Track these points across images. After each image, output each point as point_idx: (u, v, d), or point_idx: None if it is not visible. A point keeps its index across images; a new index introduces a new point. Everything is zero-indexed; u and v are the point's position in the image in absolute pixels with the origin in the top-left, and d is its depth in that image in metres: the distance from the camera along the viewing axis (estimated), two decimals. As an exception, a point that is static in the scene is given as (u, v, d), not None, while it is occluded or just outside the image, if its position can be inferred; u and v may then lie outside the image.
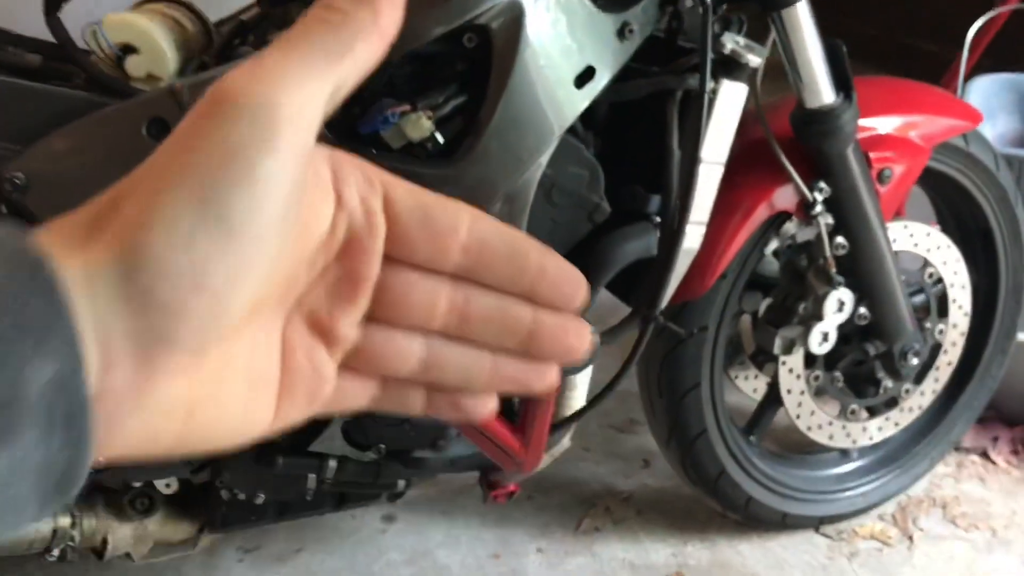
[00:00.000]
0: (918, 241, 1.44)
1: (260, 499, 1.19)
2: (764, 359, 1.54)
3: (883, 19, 4.10)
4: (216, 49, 1.17)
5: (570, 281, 0.33)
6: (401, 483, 1.25)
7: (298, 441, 1.16)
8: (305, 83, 0.27)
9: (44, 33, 1.10)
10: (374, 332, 0.32)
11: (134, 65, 1.07)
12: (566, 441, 1.33)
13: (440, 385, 0.34)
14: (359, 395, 0.33)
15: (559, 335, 0.33)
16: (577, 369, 0.90)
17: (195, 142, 0.26)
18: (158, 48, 1.07)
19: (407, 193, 0.32)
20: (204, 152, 0.26)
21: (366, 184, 0.31)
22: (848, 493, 1.58)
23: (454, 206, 0.32)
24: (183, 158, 0.26)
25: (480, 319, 0.33)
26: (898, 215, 1.54)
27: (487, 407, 0.35)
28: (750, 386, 1.59)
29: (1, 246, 0.25)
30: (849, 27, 4.20)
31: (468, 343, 0.33)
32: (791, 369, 1.42)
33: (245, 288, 0.27)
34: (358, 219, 0.31)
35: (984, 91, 1.91)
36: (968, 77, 2.01)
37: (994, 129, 1.90)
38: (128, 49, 1.07)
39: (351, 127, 1.03)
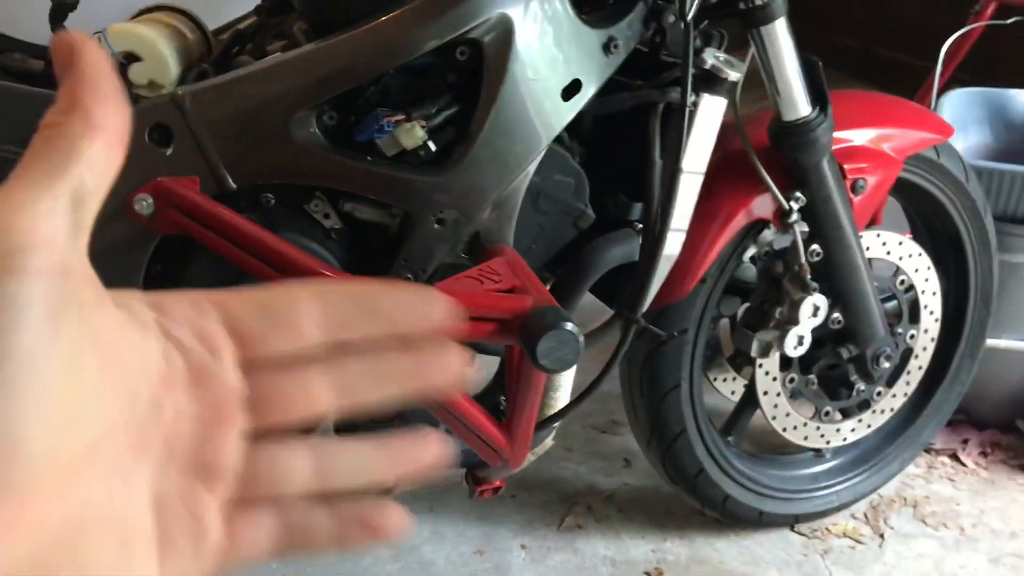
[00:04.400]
0: (891, 249, 1.49)
1: (253, 493, 1.22)
2: (742, 362, 1.59)
3: (865, 32, 4.18)
4: (215, 57, 1.21)
5: (423, 299, 0.33)
6: (390, 479, 1.29)
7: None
8: (35, 202, 0.26)
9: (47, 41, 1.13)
10: (258, 451, 0.32)
11: (137, 73, 1.11)
12: (549, 440, 1.37)
13: (339, 490, 0.33)
14: (258, 536, 0.32)
15: (439, 369, 0.33)
16: (561, 369, 0.94)
17: None
18: (160, 56, 1.11)
19: (243, 300, 0.32)
20: None
21: (196, 312, 0.31)
22: (822, 492, 1.62)
23: (291, 289, 0.32)
24: None
25: (361, 386, 0.33)
26: (874, 223, 1.59)
27: (400, 519, 0.34)
28: (728, 388, 1.64)
29: None
30: (832, 40, 4.29)
31: (355, 439, 0.33)
32: (767, 372, 1.46)
33: (35, 426, 0.25)
34: (197, 349, 0.30)
35: (957, 104, 1.97)
36: (944, 89, 2.07)
37: (966, 141, 1.95)
38: (131, 57, 1.11)
39: (347, 135, 1.07)
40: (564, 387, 1.29)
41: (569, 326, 0.92)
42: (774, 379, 1.47)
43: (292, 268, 0.97)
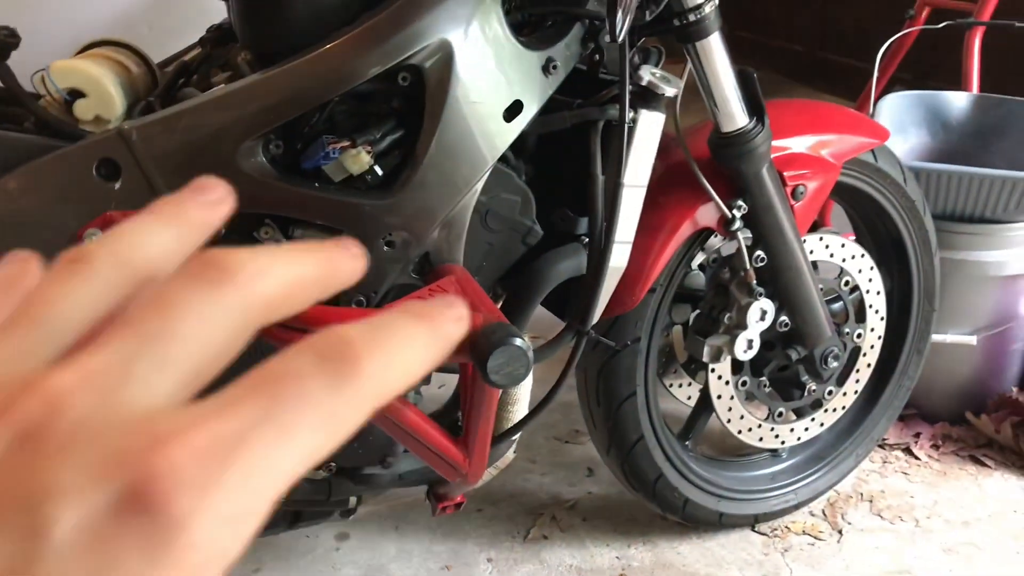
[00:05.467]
0: (834, 251, 1.53)
1: (216, 520, 1.23)
2: (696, 367, 1.62)
3: (809, 37, 4.26)
4: (161, 90, 1.22)
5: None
6: (353, 499, 1.30)
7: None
8: None
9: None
10: None
11: (82, 109, 1.12)
12: (510, 454, 1.39)
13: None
14: None
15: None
16: (512, 384, 0.96)
17: None
18: (105, 92, 1.12)
19: None
20: None
21: None
22: (780, 492, 1.66)
23: None
24: None
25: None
26: (822, 226, 1.63)
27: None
28: (684, 393, 1.67)
29: None
30: (778, 45, 4.36)
31: None
32: (720, 376, 1.50)
33: None
34: None
35: (896, 107, 2.02)
36: (887, 91, 2.13)
37: (905, 143, 2.01)
38: (76, 94, 1.12)
39: (295, 163, 1.09)
40: (522, 400, 1.31)
41: (518, 342, 0.94)
42: (727, 383, 1.50)
43: (244, 296, 0.98)
